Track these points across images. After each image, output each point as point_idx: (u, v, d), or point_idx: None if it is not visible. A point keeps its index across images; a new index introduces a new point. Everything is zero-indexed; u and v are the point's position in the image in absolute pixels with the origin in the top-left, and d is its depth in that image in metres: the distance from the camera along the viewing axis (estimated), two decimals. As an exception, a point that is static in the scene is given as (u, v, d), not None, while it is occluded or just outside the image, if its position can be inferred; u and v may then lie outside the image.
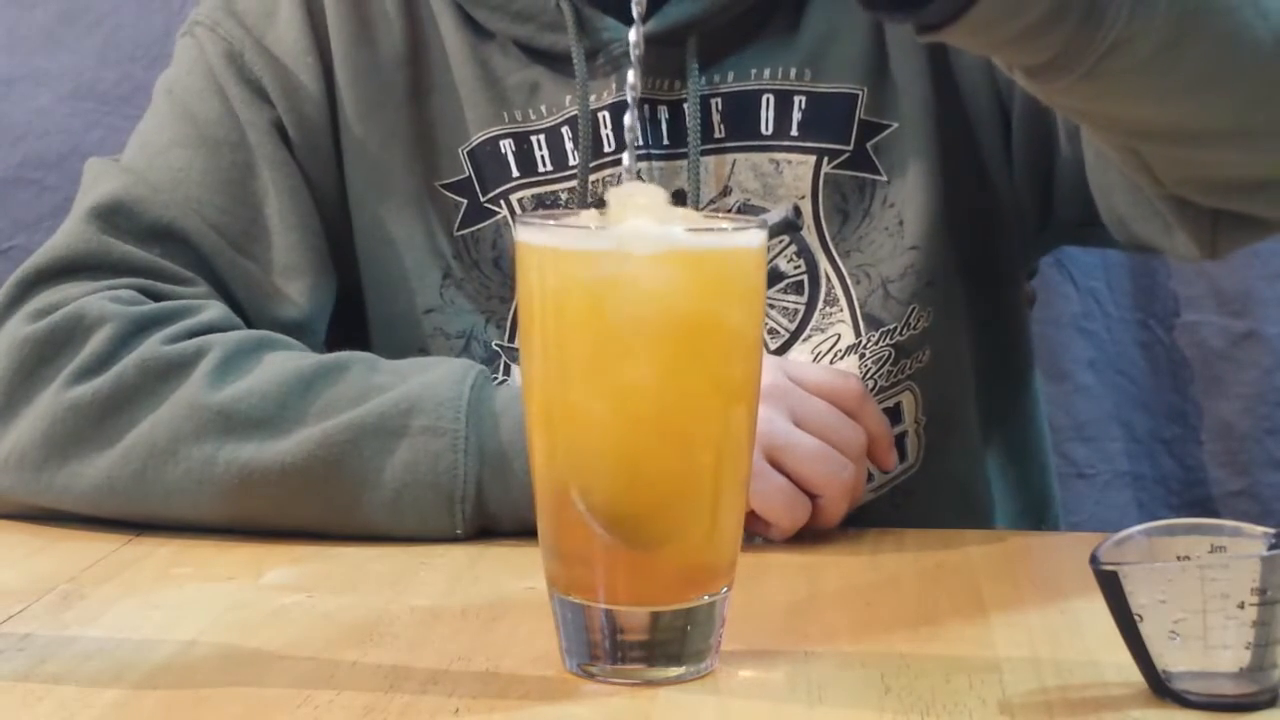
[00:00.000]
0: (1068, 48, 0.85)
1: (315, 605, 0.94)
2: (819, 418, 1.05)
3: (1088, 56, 0.86)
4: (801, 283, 1.18)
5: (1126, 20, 0.84)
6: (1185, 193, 1.01)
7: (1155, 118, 0.94)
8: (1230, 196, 1.01)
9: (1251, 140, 0.97)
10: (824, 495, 1.04)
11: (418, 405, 1.05)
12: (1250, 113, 0.95)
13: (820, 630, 0.90)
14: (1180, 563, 0.77)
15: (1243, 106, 0.94)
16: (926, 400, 1.19)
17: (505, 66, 1.19)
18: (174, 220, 1.16)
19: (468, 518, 1.05)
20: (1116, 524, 1.03)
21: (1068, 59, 0.86)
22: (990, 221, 1.21)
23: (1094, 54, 0.85)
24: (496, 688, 0.81)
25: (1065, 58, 0.86)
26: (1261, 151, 0.98)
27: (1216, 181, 1.00)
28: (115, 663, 0.84)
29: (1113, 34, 0.85)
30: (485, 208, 1.20)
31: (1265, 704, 0.78)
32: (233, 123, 1.20)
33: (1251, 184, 1.00)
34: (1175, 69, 0.89)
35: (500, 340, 1.19)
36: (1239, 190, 1.00)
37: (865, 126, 1.17)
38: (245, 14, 1.22)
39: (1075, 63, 0.86)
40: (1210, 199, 1.01)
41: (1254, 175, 0.99)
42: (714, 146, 1.17)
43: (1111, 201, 1.09)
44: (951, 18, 0.82)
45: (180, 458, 1.06)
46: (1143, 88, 0.90)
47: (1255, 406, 1.61)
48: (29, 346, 1.09)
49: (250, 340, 1.10)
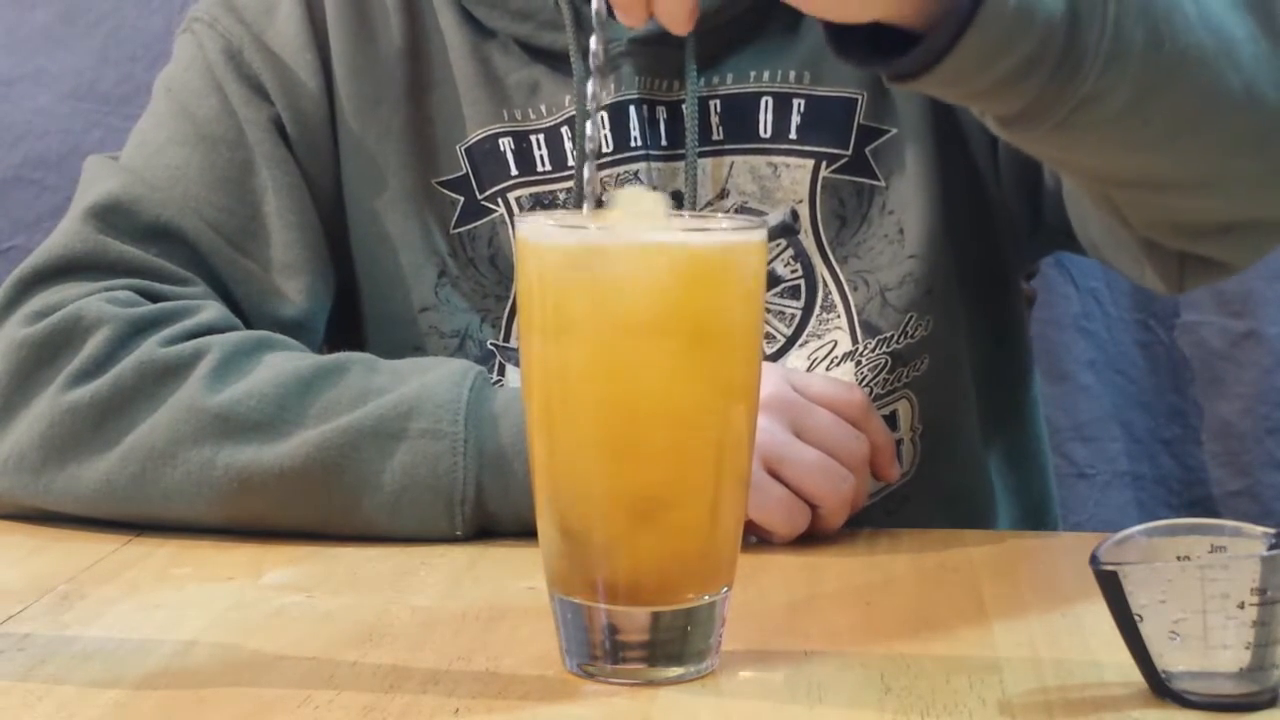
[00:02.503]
0: (1040, 99, 0.85)
1: (315, 605, 0.94)
2: (821, 428, 1.05)
3: (1060, 108, 0.86)
4: (798, 287, 1.17)
5: (1099, 74, 0.85)
6: (1154, 235, 1.02)
7: (1126, 167, 0.95)
8: (1197, 240, 1.02)
9: (1222, 188, 0.97)
10: (823, 507, 1.04)
11: (417, 408, 1.05)
12: (1222, 161, 0.95)
13: (820, 630, 0.90)
14: (1180, 563, 0.77)
15: (1214, 156, 0.94)
16: (923, 408, 1.18)
17: (506, 65, 1.19)
18: (172, 219, 1.16)
19: (467, 519, 1.05)
20: (1116, 524, 1.03)
21: (1040, 110, 0.86)
22: (988, 229, 1.21)
23: (1066, 106, 0.86)
24: (496, 688, 0.81)
25: (1037, 109, 0.86)
26: (1231, 198, 0.98)
27: (1184, 226, 1.00)
28: (115, 663, 0.84)
29: (1085, 87, 0.85)
30: (482, 205, 1.19)
31: (1265, 704, 0.78)
32: (231, 120, 1.19)
33: (1218, 228, 1.01)
34: (1148, 121, 0.89)
35: (495, 339, 1.19)
36: (1206, 234, 1.01)
37: (864, 131, 1.17)
38: (244, 10, 1.22)
39: (1047, 114, 0.86)
40: (1177, 242, 1.02)
41: (1221, 220, 1.00)
42: (712, 148, 1.17)
43: (1086, 229, 1.10)
44: (924, 68, 0.83)
45: (179, 461, 1.05)
46: (1114, 139, 0.90)
47: (1255, 406, 1.61)
48: (26, 349, 1.09)
49: (248, 341, 1.10)
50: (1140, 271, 1.06)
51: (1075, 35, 0.83)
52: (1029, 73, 0.84)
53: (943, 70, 0.82)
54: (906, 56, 0.83)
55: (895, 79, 0.85)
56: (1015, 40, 0.82)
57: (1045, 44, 0.83)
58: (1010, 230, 1.21)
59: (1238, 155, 0.95)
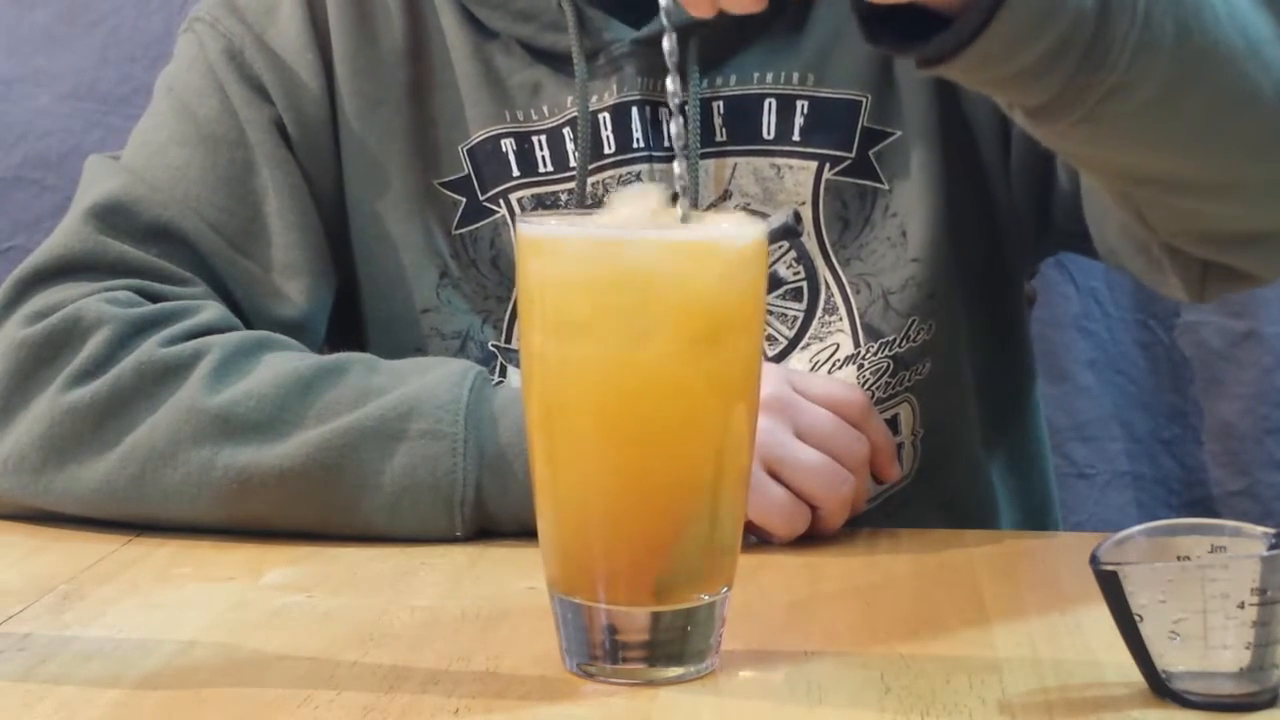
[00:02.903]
0: (1067, 89, 0.85)
1: (315, 605, 0.94)
2: (821, 429, 1.05)
3: (1087, 99, 0.85)
4: (801, 289, 1.17)
5: (1128, 64, 0.84)
6: (1178, 243, 1.01)
7: (1152, 165, 0.94)
8: (1222, 249, 1.01)
9: (1247, 193, 0.96)
10: (823, 508, 1.04)
11: (416, 408, 1.05)
12: (1248, 165, 0.94)
13: (820, 630, 0.90)
14: (1180, 563, 0.77)
15: (1240, 158, 0.94)
16: (925, 412, 1.18)
17: (508, 66, 1.19)
18: (172, 219, 1.16)
19: (467, 520, 1.05)
20: (1116, 524, 1.03)
21: (1067, 100, 0.86)
22: (992, 233, 1.20)
23: (1093, 97, 0.85)
24: (496, 688, 0.81)
25: (1064, 99, 0.86)
26: (1256, 205, 0.97)
27: (1209, 234, 1.00)
28: (115, 663, 0.84)
29: (1113, 77, 0.84)
30: (484, 206, 1.19)
31: (1265, 704, 0.78)
32: (232, 121, 1.19)
33: (1244, 238, 1.00)
34: (1175, 116, 0.89)
35: (497, 341, 1.19)
36: (1231, 244, 1.00)
37: (868, 134, 1.17)
38: (246, 10, 1.21)
39: (1074, 105, 0.86)
40: (1202, 250, 1.01)
41: (1247, 229, 0.99)
42: (715, 150, 1.17)
43: (1104, 232, 1.09)
44: (952, 53, 0.82)
45: (178, 462, 1.05)
46: (1141, 134, 0.90)
47: (1255, 406, 1.61)
48: (26, 349, 1.09)
49: (248, 341, 1.10)
50: (1162, 278, 1.05)
51: (1105, 24, 0.83)
52: (1057, 60, 0.83)
53: (971, 54, 0.82)
54: (935, 40, 0.82)
55: (924, 64, 0.84)
56: (1045, 25, 0.82)
57: (1074, 31, 0.82)
58: (1016, 233, 1.21)
59: (1263, 159, 0.94)
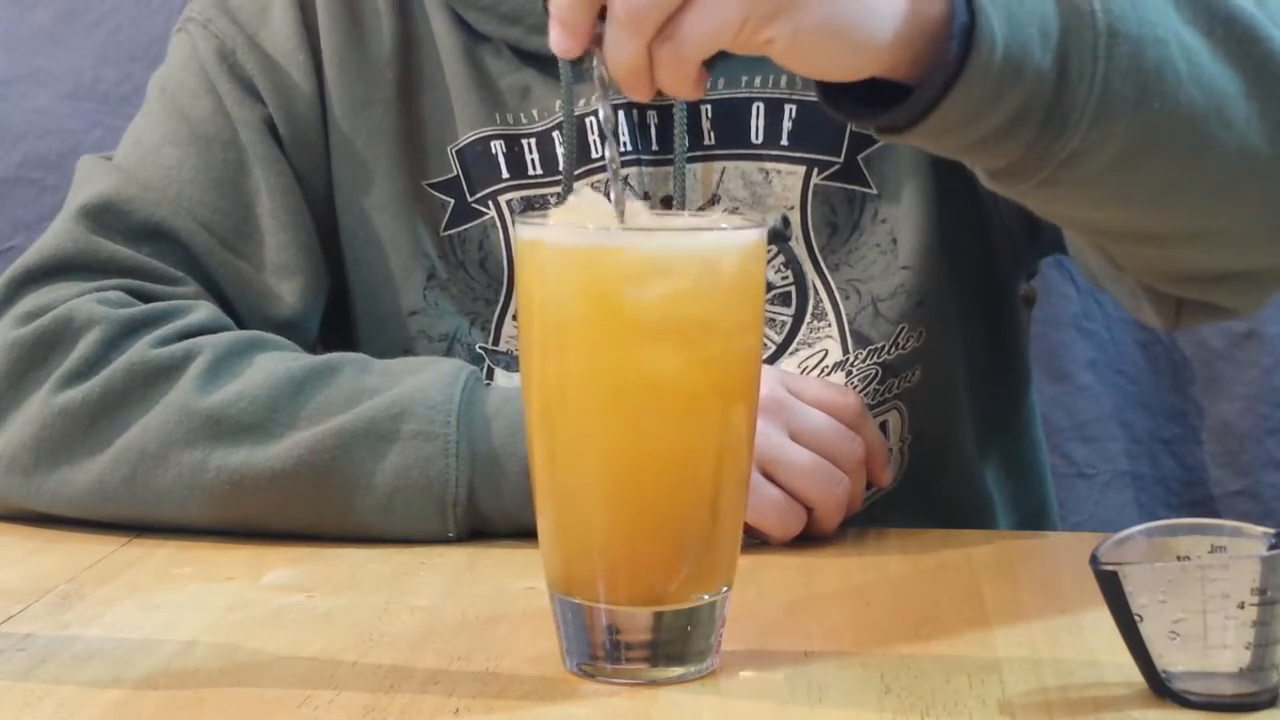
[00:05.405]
0: (1029, 154, 0.85)
1: (315, 605, 0.94)
2: (816, 431, 1.05)
3: (1046, 164, 0.85)
4: (789, 294, 1.17)
5: (1086, 131, 0.84)
6: (1149, 281, 1.01)
7: (1116, 220, 0.94)
8: (1195, 288, 1.01)
9: (1214, 240, 0.96)
10: (818, 509, 1.04)
11: (409, 409, 1.05)
12: (1213, 215, 0.94)
13: (820, 630, 0.90)
14: (1180, 563, 0.77)
15: (1205, 209, 0.93)
16: (914, 419, 1.18)
17: (498, 68, 1.19)
18: (164, 219, 1.16)
19: (459, 521, 1.05)
20: (1116, 524, 1.03)
21: (1027, 165, 0.86)
22: (983, 239, 1.20)
23: (1052, 163, 0.85)
24: (496, 688, 0.81)
25: (1026, 163, 0.86)
26: (1224, 249, 0.97)
27: (1181, 275, 1.00)
28: (115, 663, 0.84)
29: (1071, 144, 0.84)
30: (473, 208, 1.19)
31: (1265, 704, 0.78)
32: (224, 121, 1.19)
33: (1214, 277, 1.00)
34: (1135, 178, 0.89)
35: (485, 343, 1.19)
36: (1202, 281, 1.00)
37: (856, 138, 1.16)
38: (238, 11, 1.21)
39: (1036, 169, 0.86)
40: (1175, 289, 1.01)
41: (1217, 270, 0.99)
42: (703, 154, 1.17)
43: (1084, 259, 1.09)
44: (912, 122, 0.83)
45: (170, 463, 1.05)
46: (1104, 193, 0.90)
47: (1255, 406, 1.61)
48: (17, 350, 1.09)
49: (240, 342, 1.10)
50: (1137, 305, 1.05)
51: (1063, 91, 0.83)
52: (1016, 127, 0.83)
53: (930, 124, 0.82)
54: (894, 111, 0.83)
55: (884, 132, 0.85)
56: (1002, 94, 0.82)
57: (1032, 99, 0.82)
58: (1007, 240, 1.21)
59: (1230, 210, 0.94)
